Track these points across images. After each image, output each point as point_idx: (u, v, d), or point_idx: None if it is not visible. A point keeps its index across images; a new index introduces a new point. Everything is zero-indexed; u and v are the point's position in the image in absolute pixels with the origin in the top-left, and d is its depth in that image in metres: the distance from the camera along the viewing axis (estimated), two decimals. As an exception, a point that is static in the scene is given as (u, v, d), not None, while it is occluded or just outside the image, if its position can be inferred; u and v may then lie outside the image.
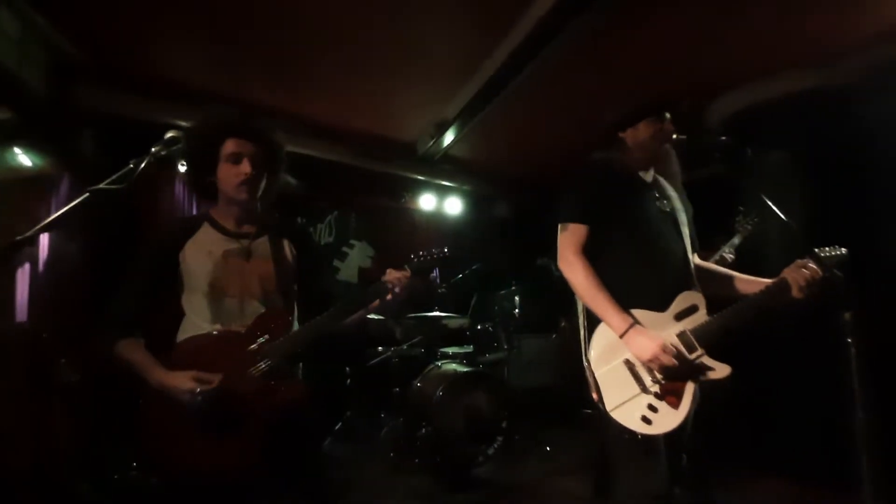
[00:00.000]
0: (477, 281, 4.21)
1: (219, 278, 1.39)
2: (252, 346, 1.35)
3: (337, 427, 3.62)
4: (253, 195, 1.45)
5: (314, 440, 1.55)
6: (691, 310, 1.44)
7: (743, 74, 3.12)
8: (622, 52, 2.96)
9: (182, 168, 1.50)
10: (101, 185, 1.08)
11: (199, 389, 1.24)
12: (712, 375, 1.38)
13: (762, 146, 2.96)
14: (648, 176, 1.65)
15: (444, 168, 4.84)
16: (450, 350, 3.79)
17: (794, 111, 2.97)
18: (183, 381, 1.25)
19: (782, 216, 1.49)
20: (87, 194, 1.05)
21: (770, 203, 1.51)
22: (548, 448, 3.37)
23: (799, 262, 1.44)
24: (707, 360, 1.39)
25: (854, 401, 1.36)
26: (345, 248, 4.82)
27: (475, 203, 5.46)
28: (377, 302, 1.47)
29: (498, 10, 2.63)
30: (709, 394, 1.44)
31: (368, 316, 3.61)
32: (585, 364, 1.44)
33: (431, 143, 4.10)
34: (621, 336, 1.39)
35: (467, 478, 2.91)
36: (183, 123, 1.28)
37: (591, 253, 1.50)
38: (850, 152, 2.74)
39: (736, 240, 1.96)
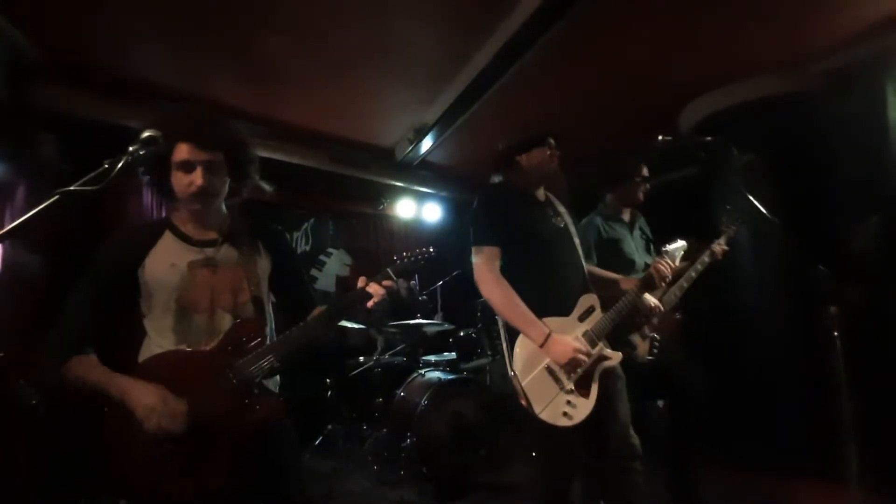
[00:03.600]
0: (457, 287, 4.17)
1: (186, 294, 1.28)
2: (224, 360, 1.26)
3: (318, 441, 3.51)
4: (208, 206, 1.33)
5: (293, 457, 1.43)
6: (590, 310, 1.67)
7: (711, 81, 3.21)
8: (600, 59, 3.02)
9: (141, 171, 1.37)
10: (74, 187, 0.99)
11: (160, 423, 1.14)
12: (610, 363, 1.63)
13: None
14: (541, 195, 1.82)
15: (422, 174, 4.82)
16: (432, 358, 3.74)
17: (756, 117, 3.09)
18: (150, 398, 1.15)
19: (766, 214, 1.53)
20: (57, 196, 0.97)
21: (754, 201, 1.55)
22: (534, 453, 3.34)
23: (657, 259, 1.76)
24: (605, 351, 1.63)
25: (839, 392, 1.40)
26: (322, 257, 4.71)
27: (454, 209, 5.44)
28: (364, 304, 1.36)
29: (479, 14, 2.64)
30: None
31: (348, 325, 3.57)
32: (511, 375, 1.54)
33: (410, 148, 4.07)
34: (541, 346, 1.53)
35: (454, 487, 2.85)
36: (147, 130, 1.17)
37: (502, 269, 1.62)
38: (813, 156, 2.87)
39: (722, 239, 2.00)
